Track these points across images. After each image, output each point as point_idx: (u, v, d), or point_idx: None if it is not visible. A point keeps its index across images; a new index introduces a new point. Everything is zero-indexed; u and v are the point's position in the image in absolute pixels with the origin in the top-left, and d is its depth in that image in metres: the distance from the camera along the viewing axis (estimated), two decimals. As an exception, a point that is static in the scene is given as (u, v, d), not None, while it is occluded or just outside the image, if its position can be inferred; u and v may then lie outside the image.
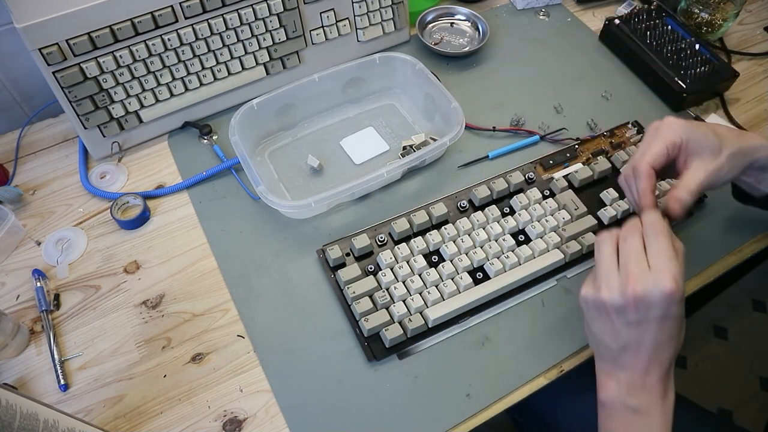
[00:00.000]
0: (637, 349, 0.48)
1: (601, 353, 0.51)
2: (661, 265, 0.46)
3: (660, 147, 0.53)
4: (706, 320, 1.49)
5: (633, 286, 0.46)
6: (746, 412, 1.35)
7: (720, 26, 0.86)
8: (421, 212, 0.65)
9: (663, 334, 0.47)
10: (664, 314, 0.46)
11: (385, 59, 0.75)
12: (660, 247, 0.47)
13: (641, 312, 0.46)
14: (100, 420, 0.55)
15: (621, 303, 0.47)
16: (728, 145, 0.53)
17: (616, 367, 0.49)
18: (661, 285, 0.45)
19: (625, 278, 0.47)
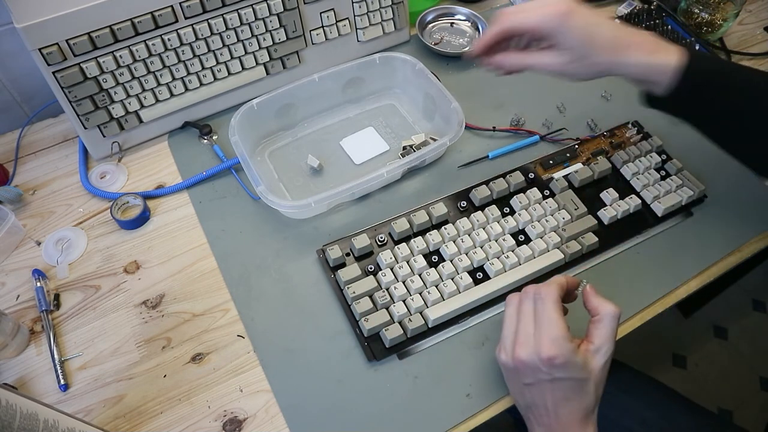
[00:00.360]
0: (538, 407, 0.50)
1: (519, 408, 0.53)
2: (543, 331, 0.48)
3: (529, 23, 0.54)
4: (706, 320, 1.49)
5: (518, 352, 0.49)
6: (746, 412, 1.35)
7: (720, 26, 0.86)
8: (421, 212, 0.65)
9: (557, 393, 0.49)
10: (551, 377, 0.48)
11: (385, 59, 0.75)
12: (545, 312, 0.49)
13: (530, 375, 0.49)
14: (100, 420, 0.55)
15: (513, 366, 0.50)
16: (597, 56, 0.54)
17: (530, 423, 0.52)
18: (541, 351, 0.47)
19: (513, 343, 0.50)
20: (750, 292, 1.55)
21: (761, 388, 1.39)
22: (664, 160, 0.72)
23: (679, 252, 0.66)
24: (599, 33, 0.53)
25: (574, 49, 0.54)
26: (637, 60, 0.54)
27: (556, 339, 0.47)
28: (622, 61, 0.54)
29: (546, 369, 0.48)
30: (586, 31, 0.53)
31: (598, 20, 0.54)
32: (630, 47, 0.54)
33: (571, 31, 0.53)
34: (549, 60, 0.56)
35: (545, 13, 0.53)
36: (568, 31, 0.53)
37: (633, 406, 0.71)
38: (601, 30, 0.53)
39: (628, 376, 0.75)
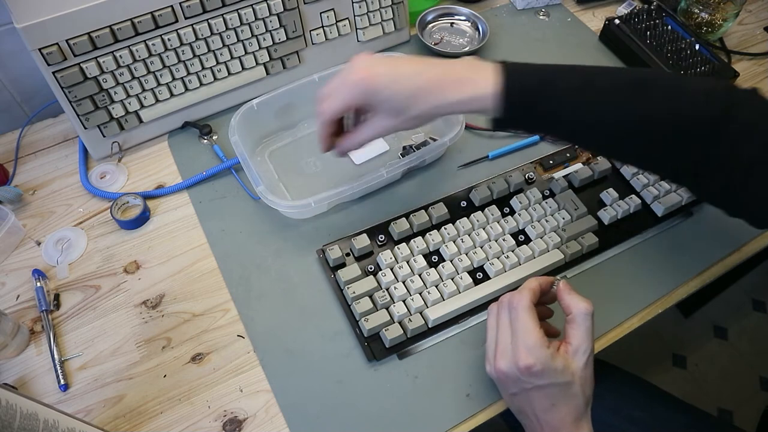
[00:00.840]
0: (527, 415, 0.51)
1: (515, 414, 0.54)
2: (519, 341, 0.49)
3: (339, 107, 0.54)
4: (706, 320, 1.49)
5: (498, 363, 0.50)
6: (746, 412, 1.35)
7: (720, 26, 0.86)
8: (421, 212, 0.65)
9: (543, 401, 0.49)
10: (532, 385, 0.48)
11: None
12: (519, 321, 0.49)
13: (513, 384, 0.49)
14: (100, 420, 0.55)
15: (496, 377, 0.51)
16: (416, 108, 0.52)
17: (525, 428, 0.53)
18: (517, 362, 0.48)
19: (494, 354, 0.51)
20: (750, 292, 1.55)
21: (761, 388, 1.39)
22: (664, 160, 0.72)
23: (679, 252, 0.66)
24: (405, 86, 0.51)
25: (391, 110, 0.53)
26: (451, 99, 0.51)
27: (531, 347, 0.48)
28: (437, 104, 0.52)
29: (526, 378, 0.48)
30: (392, 91, 0.51)
31: (399, 70, 0.52)
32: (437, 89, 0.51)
33: (378, 96, 0.52)
34: (376, 129, 0.55)
35: (348, 91, 0.52)
36: (376, 99, 0.52)
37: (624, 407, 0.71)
38: (405, 82, 0.51)
39: (619, 377, 0.75)
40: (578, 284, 0.63)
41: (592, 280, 0.64)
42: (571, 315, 0.51)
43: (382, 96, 0.52)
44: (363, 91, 0.52)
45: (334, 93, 0.54)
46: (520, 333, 0.49)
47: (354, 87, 0.52)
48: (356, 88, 0.52)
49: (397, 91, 0.52)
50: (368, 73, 0.52)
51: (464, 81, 0.51)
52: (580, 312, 0.50)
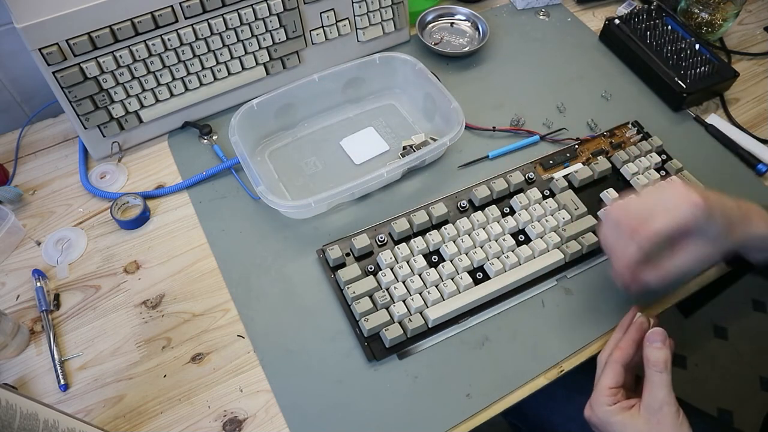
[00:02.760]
0: None
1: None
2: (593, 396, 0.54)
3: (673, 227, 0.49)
4: (706, 320, 1.49)
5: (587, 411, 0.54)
6: (746, 413, 1.35)
7: (720, 26, 0.86)
8: (421, 212, 0.65)
9: None
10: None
11: (385, 59, 0.75)
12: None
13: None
14: (100, 420, 0.55)
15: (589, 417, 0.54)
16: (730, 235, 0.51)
17: None
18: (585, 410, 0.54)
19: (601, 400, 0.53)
20: (750, 292, 1.55)
21: (761, 388, 1.39)
22: (664, 160, 0.72)
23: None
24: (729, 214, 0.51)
25: (714, 236, 0.50)
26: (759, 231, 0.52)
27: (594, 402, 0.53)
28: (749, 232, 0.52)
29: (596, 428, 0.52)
30: (721, 217, 0.50)
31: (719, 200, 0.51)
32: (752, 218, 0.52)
33: (709, 220, 0.49)
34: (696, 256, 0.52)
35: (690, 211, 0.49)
36: (706, 223, 0.49)
37: None
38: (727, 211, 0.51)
39: None
40: (578, 284, 0.64)
41: (592, 280, 0.64)
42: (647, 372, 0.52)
43: (712, 221, 0.49)
44: (703, 215, 0.49)
45: (663, 212, 0.49)
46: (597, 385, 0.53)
47: (695, 207, 0.48)
48: (697, 208, 0.48)
49: (724, 218, 0.50)
50: (705, 195, 0.49)
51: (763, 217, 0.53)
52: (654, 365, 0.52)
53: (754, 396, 1.38)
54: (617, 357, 0.54)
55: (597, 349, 0.60)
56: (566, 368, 0.59)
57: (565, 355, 0.59)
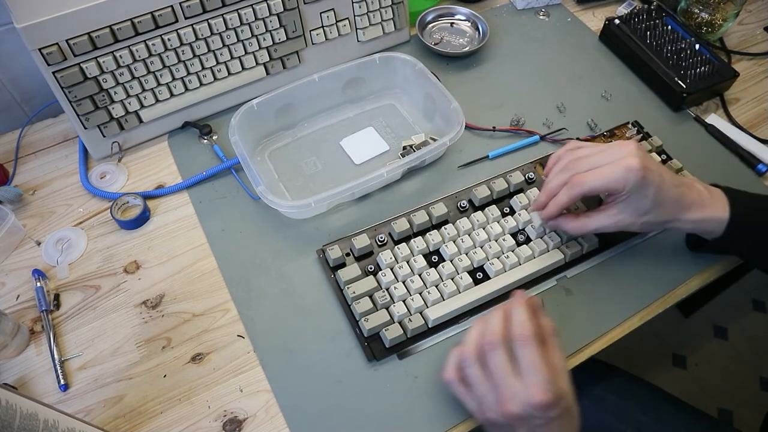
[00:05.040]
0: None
1: None
2: (530, 378, 0.47)
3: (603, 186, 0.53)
4: (706, 320, 1.49)
5: (508, 408, 0.47)
6: (746, 412, 1.35)
7: (720, 26, 0.86)
8: (421, 212, 0.65)
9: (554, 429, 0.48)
10: (545, 420, 0.47)
11: (385, 59, 0.75)
12: (527, 356, 0.47)
13: (524, 423, 0.47)
14: (100, 420, 0.55)
15: (506, 422, 0.48)
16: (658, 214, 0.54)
17: None
18: (533, 400, 0.46)
19: (499, 400, 0.47)
20: (750, 292, 1.55)
21: (761, 388, 1.39)
22: (664, 160, 0.72)
23: (679, 252, 0.66)
24: (667, 193, 0.54)
25: (640, 208, 0.54)
26: (692, 217, 0.55)
27: (547, 383, 0.46)
28: (680, 218, 0.55)
29: (541, 414, 0.46)
30: (657, 192, 0.53)
31: (663, 177, 0.53)
32: (689, 205, 0.55)
33: (645, 191, 0.53)
34: (614, 220, 0.55)
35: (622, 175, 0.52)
36: (643, 192, 0.53)
37: (626, 410, 0.71)
38: (666, 189, 0.53)
39: (620, 379, 0.75)
40: (578, 284, 0.64)
41: (592, 280, 0.64)
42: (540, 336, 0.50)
43: (644, 193, 0.53)
44: (634, 182, 0.52)
45: (601, 170, 0.53)
46: (533, 369, 0.47)
47: (629, 173, 0.52)
48: (631, 175, 0.52)
49: (662, 194, 0.53)
50: (644, 165, 0.52)
51: (705, 204, 0.56)
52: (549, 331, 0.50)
53: (754, 396, 1.38)
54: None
55: (597, 349, 0.60)
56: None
57: (566, 355, 0.59)
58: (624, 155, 0.53)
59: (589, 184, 0.53)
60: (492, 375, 0.48)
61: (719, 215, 0.56)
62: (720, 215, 0.56)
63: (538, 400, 0.46)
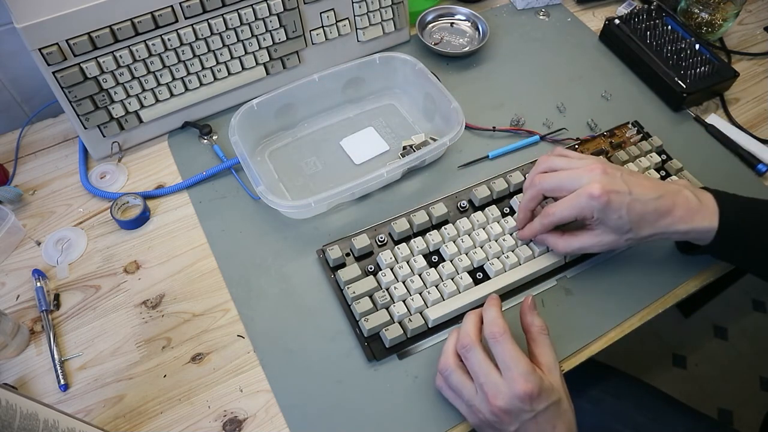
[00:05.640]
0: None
1: None
2: (510, 372, 0.48)
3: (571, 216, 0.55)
4: (706, 320, 1.49)
5: (495, 403, 0.48)
6: (746, 412, 1.35)
7: (720, 26, 0.86)
8: (421, 212, 0.65)
9: (544, 425, 0.48)
10: (533, 413, 0.47)
11: (385, 59, 0.75)
12: (503, 352, 0.48)
13: (513, 420, 0.48)
14: (100, 420, 0.55)
15: (494, 419, 0.48)
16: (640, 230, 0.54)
17: None
18: (517, 391, 0.47)
19: (485, 398, 0.48)
20: (750, 292, 1.55)
21: (761, 388, 1.39)
22: (664, 160, 0.72)
23: (679, 252, 0.66)
24: (639, 210, 0.53)
25: (619, 228, 0.54)
26: (678, 229, 0.55)
27: (526, 373, 0.47)
28: (663, 230, 0.55)
29: (527, 407, 0.47)
30: (627, 213, 0.53)
31: (634, 193, 0.53)
32: (670, 218, 0.54)
33: (611, 215, 0.53)
34: (597, 242, 0.56)
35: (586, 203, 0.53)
36: (608, 217, 0.53)
37: (625, 411, 0.71)
38: (639, 207, 0.53)
39: (619, 380, 0.75)
40: (578, 284, 0.64)
41: (592, 280, 0.64)
42: (532, 334, 0.52)
43: (615, 215, 0.53)
44: (599, 209, 0.53)
45: (567, 200, 0.54)
46: (510, 362, 0.48)
47: (591, 200, 0.52)
48: (594, 202, 0.52)
49: (633, 212, 0.53)
50: (606, 189, 0.52)
51: (693, 212, 0.55)
52: (541, 329, 0.51)
53: (754, 396, 1.38)
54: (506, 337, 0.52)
55: (597, 349, 0.60)
56: (566, 368, 0.59)
57: (565, 355, 0.59)
58: (587, 182, 0.53)
59: (558, 215, 0.55)
60: (474, 375, 0.50)
61: (707, 225, 0.55)
62: (708, 225, 0.55)
63: (521, 390, 0.46)
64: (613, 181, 0.53)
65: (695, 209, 0.55)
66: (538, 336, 0.52)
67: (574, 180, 0.54)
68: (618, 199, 0.52)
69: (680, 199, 0.55)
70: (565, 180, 0.55)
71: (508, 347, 0.49)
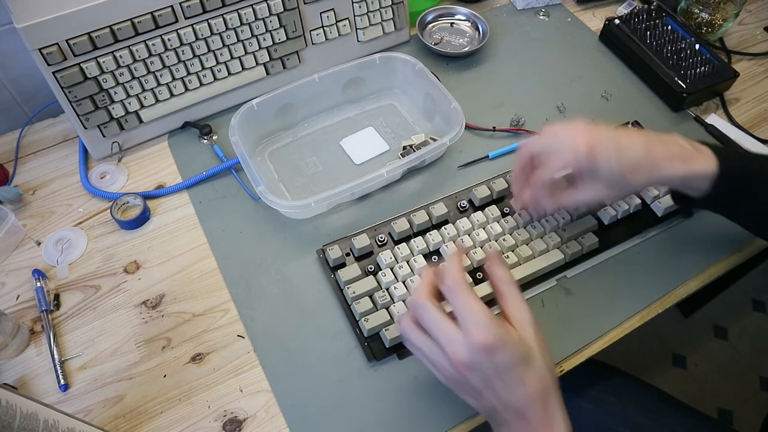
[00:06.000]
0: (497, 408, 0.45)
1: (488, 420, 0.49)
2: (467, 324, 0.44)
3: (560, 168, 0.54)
4: (706, 320, 1.49)
5: (454, 359, 0.44)
6: (746, 412, 1.35)
7: (720, 26, 0.86)
8: (421, 212, 0.65)
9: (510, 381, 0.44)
10: (495, 368, 0.44)
11: (385, 59, 0.75)
12: (458, 303, 0.45)
13: (477, 376, 0.44)
14: (100, 420, 0.55)
15: (459, 376, 0.45)
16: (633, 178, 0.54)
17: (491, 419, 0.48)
18: (473, 342, 0.43)
19: (445, 355, 0.45)
20: (750, 292, 1.55)
21: (761, 388, 1.39)
22: (664, 160, 0.72)
23: (679, 252, 0.66)
24: (630, 158, 0.53)
25: (610, 180, 0.54)
26: (674, 174, 0.54)
27: (481, 322, 0.43)
28: (659, 176, 0.54)
29: (487, 360, 0.43)
30: (617, 162, 0.52)
31: (622, 143, 0.53)
32: (663, 162, 0.54)
33: (602, 166, 0.53)
34: (586, 196, 0.56)
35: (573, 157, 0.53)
36: (599, 168, 0.53)
37: (624, 411, 0.71)
38: (630, 154, 0.53)
39: (619, 380, 0.75)
40: (578, 284, 0.64)
41: (592, 280, 0.64)
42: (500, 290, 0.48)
43: (604, 166, 0.52)
44: (587, 161, 0.52)
45: (555, 154, 0.54)
46: (466, 313, 0.44)
47: (578, 154, 0.52)
48: (581, 156, 0.52)
49: (623, 161, 0.53)
50: (593, 141, 0.52)
51: (687, 158, 0.54)
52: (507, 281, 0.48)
53: (754, 396, 1.38)
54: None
55: (597, 349, 0.60)
56: (566, 368, 0.59)
57: (566, 355, 0.59)
58: (571, 139, 0.53)
59: (548, 172, 0.55)
60: (431, 333, 0.46)
61: (705, 169, 0.54)
62: (706, 170, 0.54)
63: (477, 341, 0.43)
64: (598, 134, 0.53)
65: (692, 154, 0.54)
66: (507, 290, 0.48)
67: (560, 138, 0.54)
68: (604, 150, 0.52)
69: (673, 145, 0.54)
70: (550, 140, 0.55)
71: (463, 297, 0.45)
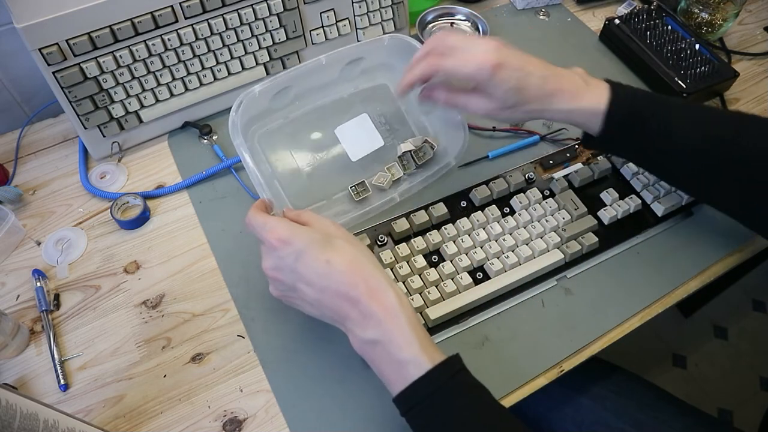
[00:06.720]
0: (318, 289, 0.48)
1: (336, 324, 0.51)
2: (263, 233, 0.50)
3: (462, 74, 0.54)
4: (706, 320, 1.49)
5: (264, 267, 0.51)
6: (746, 412, 1.35)
7: (720, 26, 0.86)
8: (421, 212, 0.65)
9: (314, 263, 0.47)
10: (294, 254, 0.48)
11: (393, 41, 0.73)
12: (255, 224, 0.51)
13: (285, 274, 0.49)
14: (100, 420, 0.55)
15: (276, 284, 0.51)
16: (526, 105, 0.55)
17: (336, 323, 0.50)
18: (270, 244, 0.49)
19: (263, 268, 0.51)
20: (750, 292, 1.55)
21: (761, 388, 1.39)
22: (664, 160, 0.72)
23: (679, 252, 0.66)
24: (527, 84, 0.54)
25: (504, 99, 0.55)
26: (562, 107, 0.55)
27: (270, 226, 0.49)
28: (549, 108, 0.56)
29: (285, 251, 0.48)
30: (515, 83, 0.54)
31: (526, 69, 0.54)
32: (556, 94, 0.55)
33: (501, 83, 0.54)
34: (479, 105, 0.57)
35: (477, 64, 0.53)
36: (498, 84, 0.54)
37: (626, 409, 0.71)
38: (529, 80, 0.54)
39: (620, 378, 0.75)
40: (578, 284, 0.64)
41: (592, 280, 0.64)
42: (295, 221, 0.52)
43: (504, 86, 0.54)
44: (491, 75, 0.53)
45: (459, 56, 0.54)
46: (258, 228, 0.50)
47: (481, 67, 0.53)
48: (484, 69, 0.53)
49: (521, 85, 0.54)
50: (501, 60, 0.53)
51: (575, 94, 0.55)
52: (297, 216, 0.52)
53: (754, 396, 1.38)
54: None
55: (597, 349, 0.60)
56: (566, 368, 0.59)
57: (565, 355, 0.59)
58: (483, 50, 0.53)
59: (449, 64, 0.54)
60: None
61: (594, 106, 0.54)
62: (595, 107, 0.54)
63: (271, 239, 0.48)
64: (508, 54, 0.54)
65: (581, 89, 0.55)
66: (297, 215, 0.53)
67: (474, 43, 0.54)
68: (509, 72, 0.53)
69: (568, 81, 0.55)
70: (465, 42, 0.55)
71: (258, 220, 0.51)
